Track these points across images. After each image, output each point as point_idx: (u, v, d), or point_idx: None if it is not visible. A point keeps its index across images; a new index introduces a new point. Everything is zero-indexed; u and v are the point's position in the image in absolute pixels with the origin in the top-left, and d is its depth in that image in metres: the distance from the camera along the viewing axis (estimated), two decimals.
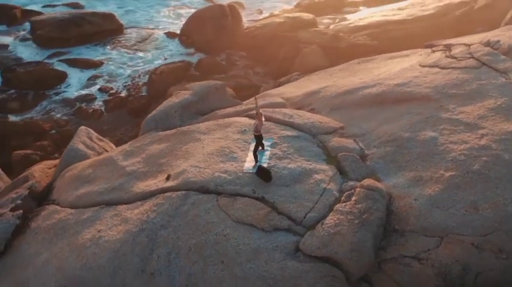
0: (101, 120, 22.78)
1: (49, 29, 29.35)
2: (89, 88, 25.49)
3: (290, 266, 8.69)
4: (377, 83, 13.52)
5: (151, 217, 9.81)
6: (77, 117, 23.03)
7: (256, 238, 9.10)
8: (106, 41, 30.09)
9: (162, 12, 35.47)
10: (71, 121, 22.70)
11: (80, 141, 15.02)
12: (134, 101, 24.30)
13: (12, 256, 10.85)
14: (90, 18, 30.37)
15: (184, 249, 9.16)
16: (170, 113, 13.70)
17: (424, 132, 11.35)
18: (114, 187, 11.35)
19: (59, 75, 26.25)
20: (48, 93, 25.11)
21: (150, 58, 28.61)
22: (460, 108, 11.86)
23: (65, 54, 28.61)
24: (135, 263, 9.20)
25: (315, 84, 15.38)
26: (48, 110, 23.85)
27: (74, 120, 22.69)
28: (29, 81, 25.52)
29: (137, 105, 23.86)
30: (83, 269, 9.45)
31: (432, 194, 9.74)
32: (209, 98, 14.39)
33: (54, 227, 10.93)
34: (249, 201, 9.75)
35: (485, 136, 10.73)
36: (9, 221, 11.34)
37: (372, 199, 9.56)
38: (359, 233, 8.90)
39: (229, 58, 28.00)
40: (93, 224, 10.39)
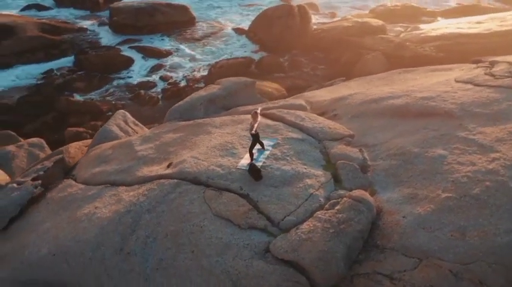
0: (155, 108, 23.72)
1: (124, 16, 30.95)
2: (152, 76, 26.60)
3: (255, 265, 8.69)
4: (404, 95, 13.05)
5: (140, 200, 10.20)
6: (134, 102, 24.15)
7: (229, 233, 9.18)
8: (176, 32, 31.19)
9: (235, 8, 36.09)
10: (127, 105, 23.85)
11: (115, 124, 15.80)
12: (190, 92, 24.90)
13: (23, 221, 11.68)
14: (163, 8, 31.64)
15: (161, 234, 9.44)
16: (196, 105, 14.06)
17: (435, 149, 10.83)
18: (123, 169, 11.87)
19: (126, 60, 27.62)
20: (113, 77, 26.55)
21: (215, 52, 29.29)
22: (480, 128, 11.19)
23: (136, 41, 30.05)
24: (115, 242, 9.61)
25: (347, 90, 15.09)
26: (110, 92, 25.23)
27: (131, 105, 23.81)
28: (98, 64, 27.10)
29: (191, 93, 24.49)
30: (72, 240, 10.00)
31: (422, 213, 9.30)
32: (237, 94, 14.58)
33: (64, 200, 11.65)
34: (234, 197, 9.85)
35: (497, 160, 10.05)
36: (27, 190, 12.19)
37: (356, 211, 9.30)
38: (331, 242, 8.71)
39: (292, 58, 28.05)
40: (94, 201, 10.96)
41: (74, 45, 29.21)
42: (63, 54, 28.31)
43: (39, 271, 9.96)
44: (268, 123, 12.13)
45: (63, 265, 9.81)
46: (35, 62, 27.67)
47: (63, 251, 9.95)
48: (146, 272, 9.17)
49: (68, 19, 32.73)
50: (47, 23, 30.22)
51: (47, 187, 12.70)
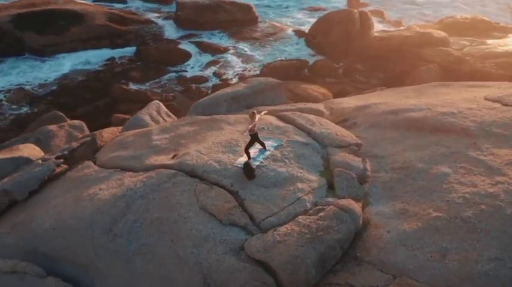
0: None
1: (188, 11, 31.89)
2: (205, 71, 27.25)
3: (227, 261, 8.80)
4: (426, 108, 12.60)
5: (137, 186, 10.58)
6: (183, 95, 24.89)
7: (210, 227, 9.35)
8: (237, 30, 31.69)
9: (299, 11, 36.09)
10: (177, 98, 24.61)
11: (147, 113, 16.41)
12: None
13: (40, 195, 12.41)
14: (227, 6, 32.27)
15: (147, 221, 9.77)
16: (219, 101, 14.32)
17: (440, 166, 10.42)
18: (135, 155, 12.33)
19: (184, 54, 28.47)
20: (169, 69, 27.46)
21: (271, 52, 29.50)
22: (493, 149, 10.62)
23: (196, 36, 30.90)
24: (106, 222, 10.04)
25: (375, 99, 14.77)
26: (163, 84, 26.12)
27: (180, 98, 24.54)
28: (156, 56, 28.16)
29: None
30: (71, 217, 10.55)
31: (407, 230, 9.01)
32: (263, 94, 14.69)
33: (78, 179, 12.27)
34: (223, 192, 9.99)
35: (500, 184, 9.52)
36: (48, 167, 12.93)
37: (339, 219, 9.16)
38: (303, 247, 8.65)
39: (348, 65, 27.70)
40: (101, 183, 11.47)
41: (138, 36, 30.48)
42: (127, 44, 29.64)
43: (40, 243, 10.56)
44: (279, 125, 12.15)
45: (60, 239, 10.36)
46: (100, 49, 29.15)
47: (62, 226, 10.51)
48: (128, 255, 9.53)
49: (137, 11, 34.16)
50: (115, 13, 31.74)
51: (72, 166, 13.39)
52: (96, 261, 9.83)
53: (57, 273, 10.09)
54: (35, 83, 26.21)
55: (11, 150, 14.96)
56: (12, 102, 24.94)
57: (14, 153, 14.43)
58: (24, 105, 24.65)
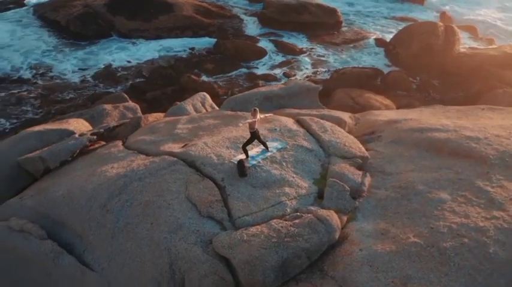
0: None
1: (273, 10, 32.23)
2: (276, 70, 27.44)
3: (194, 251, 9.02)
4: (452, 130, 11.89)
5: (140, 168, 11.09)
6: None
7: (188, 216, 9.60)
8: (318, 33, 31.49)
9: (386, 19, 34.99)
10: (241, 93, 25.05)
11: (191, 103, 16.98)
12: None
13: (69, 166, 13.37)
14: (312, 8, 32.15)
15: (137, 202, 10.23)
16: (251, 99, 14.48)
17: (440, 191, 9.84)
18: (155, 141, 12.88)
19: (259, 51, 28.86)
20: (242, 64, 27.98)
21: (347, 58, 29.01)
22: (504, 182, 9.82)
23: (276, 35, 31.15)
24: (103, 198, 10.63)
25: (413, 115, 14.12)
26: (232, 78, 26.72)
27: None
28: (232, 51, 28.83)
29: None
30: (78, 189, 11.30)
31: (379, 251, 8.65)
32: (298, 96, 14.62)
33: (102, 156, 13.05)
34: (211, 185, 10.18)
35: (494, 219, 8.82)
36: (81, 141, 13.87)
37: (312, 229, 9.00)
38: (266, 250, 8.62)
39: (423, 79, 26.48)
40: (115, 162, 12.13)
41: (220, 30, 31.35)
42: (208, 36, 30.59)
43: (50, 208, 11.41)
44: (291, 128, 12.07)
45: (66, 207, 11.13)
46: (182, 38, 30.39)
47: (69, 196, 11.29)
48: (114, 231, 10.06)
49: (226, 5, 35.09)
50: (203, 6, 32.87)
51: (108, 143, 14.24)
52: (88, 232, 10.47)
53: (58, 238, 10.85)
54: (118, 65, 27.95)
55: (61, 123, 16.20)
56: (95, 80, 26.81)
57: (62, 125, 15.60)
58: (103, 83, 26.40)
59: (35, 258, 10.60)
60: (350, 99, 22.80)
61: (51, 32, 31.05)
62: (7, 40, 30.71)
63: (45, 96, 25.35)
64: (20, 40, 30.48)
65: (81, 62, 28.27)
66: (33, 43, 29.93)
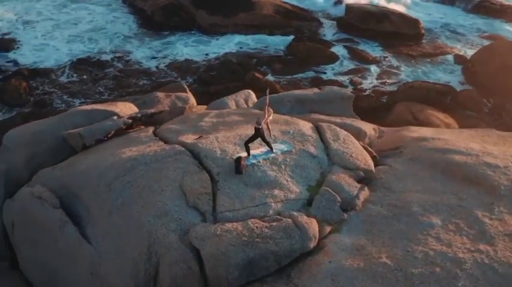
0: None
1: (353, 15, 31.76)
2: (344, 77, 27.07)
3: (170, 237, 9.34)
4: (475, 155, 11.17)
5: (149, 154, 11.57)
6: None
7: (175, 204, 9.92)
8: (396, 43, 30.51)
9: (472, 36, 33.01)
10: None
11: (234, 99, 17.29)
12: (367, 101, 24.73)
13: (102, 145, 14.08)
14: (393, 17, 31.22)
15: (137, 184, 10.71)
16: (283, 100, 14.48)
17: (433, 216, 9.38)
18: (179, 130, 13.29)
19: (331, 57, 28.58)
20: (311, 68, 27.90)
21: (419, 72, 27.89)
22: (506, 215, 9.16)
23: (352, 42, 30.64)
24: (110, 177, 11.22)
25: (448, 135, 13.39)
26: (297, 80, 26.76)
27: None
28: (304, 53, 28.84)
29: (367, 105, 24.29)
30: (95, 165, 12.02)
31: (346, 266, 8.44)
32: (331, 103, 14.41)
33: (131, 139, 13.63)
34: (206, 178, 10.41)
35: (477, 253, 8.27)
36: (116, 124, 14.59)
37: (286, 234, 8.95)
38: (233, 247, 8.72)
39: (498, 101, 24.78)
40: (136, 145, 12.64)
41: (297, 31, 31.39)
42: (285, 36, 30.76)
43: (71, 181, 12.23)
44: (304, 133, 11.95)
45: (81, 181, 11.89)
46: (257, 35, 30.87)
47: (86, 171, 12.05)
48: (111, 209, 10.63)
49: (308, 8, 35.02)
50: (284, 7, 33.09)
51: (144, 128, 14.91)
52: (93, 207, 11.15)
53: (71, 209, 11.65)
54: (193, 57, 29.00)
55: (109, 104, 17.18)
56: (168, 69, 28.05)
57: (109, 107, 16.53)
58: (175, 73, 27.55)
59: (46, 224, 11.46)
60: (409, 114, 21.97)
61: (136, 20, 32.88)
62: (102, 23, 32.94)
63: (119, 80, 26.92)
64: (110, 24, 32.53)
65: (159, 51, 29.67)
66: (119, 28, 31.84)
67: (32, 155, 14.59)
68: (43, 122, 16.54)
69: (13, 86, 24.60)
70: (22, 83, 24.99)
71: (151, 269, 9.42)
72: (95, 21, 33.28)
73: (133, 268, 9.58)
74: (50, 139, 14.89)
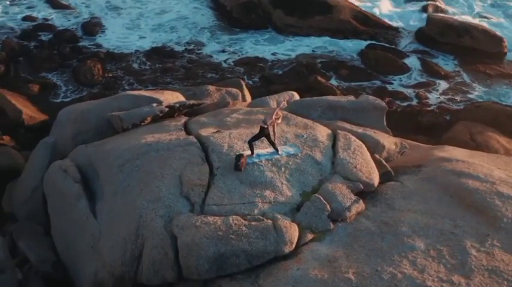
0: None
1: (432, 27, 30.30)
2: (410, 89, 26.06)
3: (157, 223, 9.78)
4: (491, 182, 10.45)
5: (164, 142, 12.00)
6: None
7: (170, 192, 10.30)
8: (474, 60, 28.75)
9: None
10: None
11: (276, 99, 17.36)
12: (429, 116, 23.70)
13: (136, 129, 14.70)
14: (475, 33, 29.41)
15: (143, 169, 11.22)
16: (315, 105, 14.30)
17: (419, 239, 9.00)
18: (204, 123, 13.61)
19: (401, 67, 27.50)
20: (377, 76, 27.11)
21: (493, 93, 26.11)
22: (497, 250, 8.59)
23: (427, 54, 29.28)
24: (123, 159, 11.79)
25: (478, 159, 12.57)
26: (361, 88, 26.10)
27: None
28: (373, 61, 27.97)
29: (428, 120, 23.31)
30: (117, 148, 12.63)
31: (309, 276, 8.38)
32: (364, 112, 14.00)
33: (159, 126, 13.97)
34: (205, 171, 10.68)
35: (448, 283, 7.87)
36: (153, 110, 15.22)
37: (263, 235, 9.01)
38: (206, 240, 8.93)
39: None
40: (160, 133, 13.00)
41: (372, 39, 30.62)
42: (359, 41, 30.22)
43: (96, 159, 12.97)
44: (318, 138, 11.76)
45: (102, 160, 12.62)
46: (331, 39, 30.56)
47: (108, 151, 12.76)
48: (118, 189, 11.26)
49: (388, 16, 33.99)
50: (362, 13, 32.28)
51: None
52: (105, 186, 11.82)
53: (90, 184, 12.43)
54: (263, 56, 29.22)
55: (156, 92, 17.98)
56: (237, 65, 28.53)
57: (155, 94, 17.27)
58: (242, 69, 27.99)
59: (66, 196, 12.31)
60: (467, 135, 20.74)
61: (216, 14, 33.63)
62: (185, 13, 34.08)
63: (188, 71, 27.77)
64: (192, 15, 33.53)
65: (230, 46, 30.22)
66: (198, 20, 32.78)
67: (77, 131, 15.63)
68: (94, 103, 17.66)
69: (88, 67, 26.18)
70: (97, 65, 26.52)
71: (136, 251, 9.86)
72: (178, 11, 34.35)
73: (122, 247, 10.09)
74: (95, 119, 15.86)
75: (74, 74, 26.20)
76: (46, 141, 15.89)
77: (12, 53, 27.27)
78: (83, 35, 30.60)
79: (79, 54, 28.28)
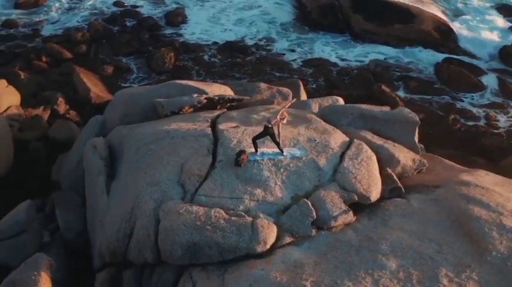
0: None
1: None
2: (481, 109, 24.67)
3: (148, 204, 10.32)
4: (498, 212, 9.74)
5: (180, 130, 12.42)
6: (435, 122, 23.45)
7: (168, 178, 10.75)
8: None
9: None
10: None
11: (319, 102, 17.19)
12: (493, 139, 22.33)
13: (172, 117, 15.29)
14: None
15: (155, 153, 11.72)
16: (346, 112, 14.00)
17: (394, 259, 8.68)
18: (230, 117, 13.83)
19: (475, 85, 26.00)
20: (448, 91, 25.91)
21: None
22: (471, 283, 8.08)
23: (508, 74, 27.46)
24: (142, 143, 12.32)
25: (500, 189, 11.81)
26: (427, 102, 25.03)
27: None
28: (445, 75, 26.82)
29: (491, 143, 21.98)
30: (142, 132, 13.28)
31: (269, 278, 8.39)
32: (394, 125, 13.45)
33: (189, 117, 14.24)
34: (207, 162, 10.97)
35: None
36: (191, 100, 15.47)
37: (238, 230, 9.15)
38: (184, 227, 9.24)
39: None
40: (185, 122, 13.39)
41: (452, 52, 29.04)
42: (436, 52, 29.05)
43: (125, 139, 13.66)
44: (329, 145, 11.51)
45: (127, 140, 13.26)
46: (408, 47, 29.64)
47: (135, 134, 13.37)
48: (130, 169, 11.92)
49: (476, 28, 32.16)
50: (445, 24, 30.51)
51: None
52: (123, 166, 12.47)
53: (115, 163, 13.14)
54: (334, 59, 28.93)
55: (206, 84, 18.52)
56: (304, 66, 28.49)
57: (202, 85, 17.75)
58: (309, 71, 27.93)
59: (92, 170, 13.15)
60: None
61: (296, 13, 33.65)
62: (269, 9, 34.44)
63: (257, 68, 28.18)
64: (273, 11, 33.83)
65: (302, 46, 30.23)
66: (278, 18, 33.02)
67: (126, 113, 16.48)
68: (146, 88, 18.59)
69: (161, 54, 27.45)
70: (170, 53, 27.71)
71: (128, 229, 10.40)
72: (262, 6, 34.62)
73: (119, 224, 10.69)
74: (143, 103, 16.62)
75: (147, 60, 27.46)
76: (96, 119, 16.99)
77: (96, 34, 29.15)
78: (165, 24, 31.85)
79: (157, 41, 29.63)
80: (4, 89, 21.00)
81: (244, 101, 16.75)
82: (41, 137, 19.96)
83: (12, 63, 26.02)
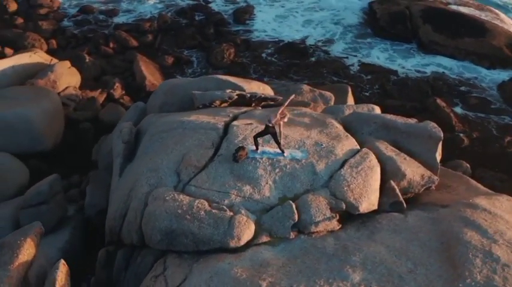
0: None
1: None
2: None
3: (143, 188, 10.80)
4: (492, 239, 9.17)
5: (194, 122, 12.74)
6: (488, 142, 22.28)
7: (168, 166, 11.17)
8: None
9: None
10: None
11: (353, 108, 16.94)
12: None
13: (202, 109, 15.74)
14: None
15: (164, 141, 12.17)
16: (369, 120, 13.65)
17: (361, 272, 8.50)
18: (253, 114, 14.04)
19: None
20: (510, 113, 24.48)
21: None
22: None
23: None
24: (158, 131, 12.86)
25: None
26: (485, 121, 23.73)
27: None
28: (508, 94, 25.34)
29: None
30: (166, 120, 13.73)
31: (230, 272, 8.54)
32: (417, 139, 12.96)
33: (214, 111, 14.71)
34: (208, 155, 11.26)
35: None
36: (222, 95, 15.77)
37: (215, 223, 9.33)
38: (165, 214, 9.60)
39: None
40: (206, 115, 13.83)
41: None
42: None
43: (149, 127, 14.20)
44: (333, 151, 11.32)
45: (151, 127, 13.77)
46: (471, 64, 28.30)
47: (158, 122, 13.85)
48: (141, 154, 12.48)
49: None
50: None
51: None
52: (139, 151, 12.98)
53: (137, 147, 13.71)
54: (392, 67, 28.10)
55: (245, 81, 18.74)
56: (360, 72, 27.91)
57: (241, 82, 17.99)
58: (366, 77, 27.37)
59: (114, 153, 13.81)
60: None
61: (364, 19, 33.11)
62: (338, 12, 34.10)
63: (313, 70, 27.89)
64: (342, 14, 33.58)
65: (362, 51, 29.66)
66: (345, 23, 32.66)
67: (165, 102, 17.15)
68: (187, 80, 19.18)
69: (221, 49, 28.00)
70: (230, 49, 28.20)
71: (124, 209, 10.91)
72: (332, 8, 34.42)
73: (118, 204, 11.25)
74: (181, 93, 17.20)
75: (207, 54, 28.13)
76: (136, 105, 17.84)
77: (164, 25, 30.27)
78: (232, 21, 32.41)
79: (220, 37, 30.24)
80: (66, 70, 22.36)
81: (278, 101, 16.81)
82: (92, 118, 21.09)
83: (82, 46, 27.58)
